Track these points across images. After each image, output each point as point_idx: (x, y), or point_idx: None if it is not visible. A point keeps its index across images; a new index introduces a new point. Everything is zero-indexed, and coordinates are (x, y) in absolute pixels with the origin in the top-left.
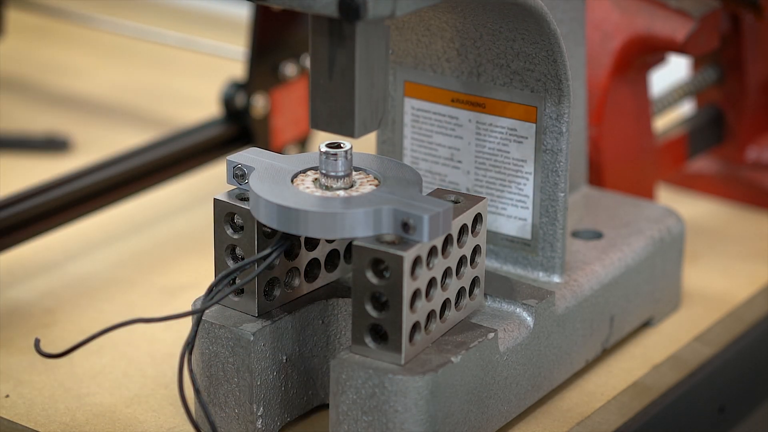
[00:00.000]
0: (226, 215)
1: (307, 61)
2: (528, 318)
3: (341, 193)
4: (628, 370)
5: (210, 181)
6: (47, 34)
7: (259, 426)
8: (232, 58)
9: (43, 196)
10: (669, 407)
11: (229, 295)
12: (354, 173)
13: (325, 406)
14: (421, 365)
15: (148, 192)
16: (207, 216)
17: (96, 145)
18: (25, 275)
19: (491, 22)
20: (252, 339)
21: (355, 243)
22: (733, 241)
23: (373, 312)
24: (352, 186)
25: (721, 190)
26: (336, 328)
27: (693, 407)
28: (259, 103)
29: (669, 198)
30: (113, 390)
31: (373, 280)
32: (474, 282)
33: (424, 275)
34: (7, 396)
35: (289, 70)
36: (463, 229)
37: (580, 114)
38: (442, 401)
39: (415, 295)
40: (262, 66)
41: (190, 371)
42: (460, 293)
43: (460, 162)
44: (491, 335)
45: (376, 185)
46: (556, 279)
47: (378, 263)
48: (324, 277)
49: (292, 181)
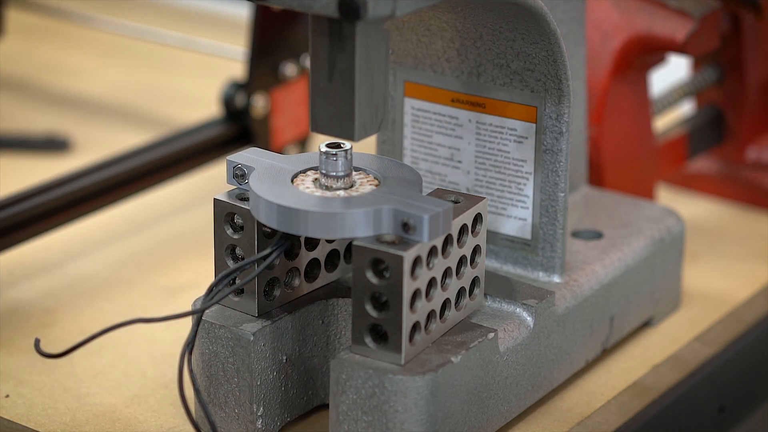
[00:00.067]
0: (226, 215)
1: (307, 61)
2: (528, 318)
3: (341, 193)
4: (628, 370)
5: (210, 181)
6: (47, 34)
7: (259, 426)
8: (232, 58)
9: (43, 196)
10: (669, 407)
11: (229, 295)
12: (354, 173)
13: (325, 406)
14: (421, 365)
15: (148, 192)
16: (207, 216)
17: (96, 145)
18: (25, 275)
19: (491, 22)
20: (252, 339)
21: (355, 243)
22: (733, 241)
23: (373, 312)
24: (352, 186)
25: (721, 190)
26: (336, 328)
27: (693, 407)
28: (259, 103)
29: (669, 198)
30: (113, 390)
31: (373, 280)
32: (474, 282)
33: (424, 275)
34: (7, 396)
35: (289, 70)
36: (463, 229)
37: (580, 114)
38: (442, 401)
39: (415, 295)
40: (262, 66)
41: (190, 371)
42: (460, 293)
43: (460, 162)
44: (491, 335)
45: (376, 185)
46: (556, 279)
47: (378, 263)
48: (324, 277)
49: (292, 181)
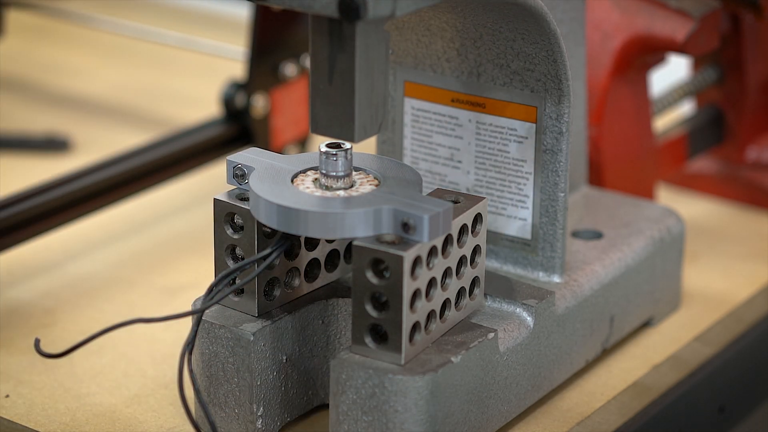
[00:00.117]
0: (226, 215)
1: (307, 61)
2: (528, 318)
3: (341, 193)
4: (628, 370)
5: (210, 181)
6: (47, 34)
7: (259, 426)
8: (232, 58)
9: (43, 196)
10: (669, 407)
11: (229, 295)
12: (354, 173)
13: (325, 406)
14: (421, 365)
15: (148, 192)
16: (207, 216)
17: (96, 145)
18: (25, 275)
19: (491, 22)
20: (252, 339)
21: (355, 243)
22: (733, 241)
23: (373, 312)
24: (352, 186)
25: (721, 190)
26: (336, 328)
27: (693, 407)
28: (259, 103)
29: (669, 198)
30: (113, 390)
31: (373, 280)
32: (474, 282)
33: (424, 275)
34: (7, 396)
35: (289, 70)
36: (463, 229)
37: (580, 114)
38: (442, 401)
39: (415, 295)
40: (262, 66)
41: (190, 371)
42: (460, 293)
43: (460, 162)
44: (491, 335)
45: (376, 185)
46: (556, 279)
47: (378, 263)
48: (324, 277)
49: (292, 181)
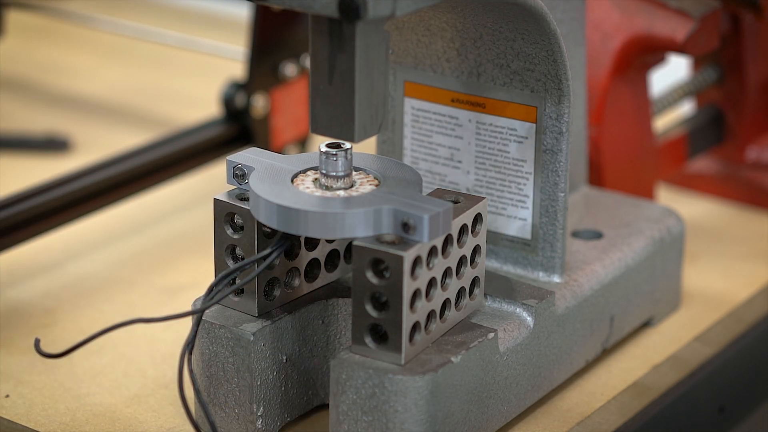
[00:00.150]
0: (226, 215)
1: (307, 61)
2: (528, 318)
3: (341, 193)
4: (628, 370)
5: (210, 181)
6: (47, 34)
7: (259, 426)
8: (232, 58)
9: (43, 196)
10: (669, 407)
11: (229, 295)
12: (354, 173)
13: (325, 406)
14: (421, 365)
15: (148, 192)
16: (207, 216)
17: (96, 145)
18: (25, 275)
19: (491, 22)
20: (252, 339)
21: (355, 243)
22: (733, 241)
23: (373, 312)
24: (352, 186)
25: (721, 190)
26: (336, 328)
27: (693, 407)
28: (259, 103)
29: (669, 198)
30: (113, 390)
31: (373, 280)
32: (474, 282)
33: (424, 275)
34: (7, 396)
35: (289, 70)
36: (463, 229)
37: (580, 114)
38: (442, 401)
39: (415, 295)
40: (262, 66)
41: (190, 371)
42: (460, 293)
43: (460, 162)
44: (491, 335)
45: (376, 185)
46: (556, 279)
47: (378, 263)
48: (324, 277)
49: (292, 181)
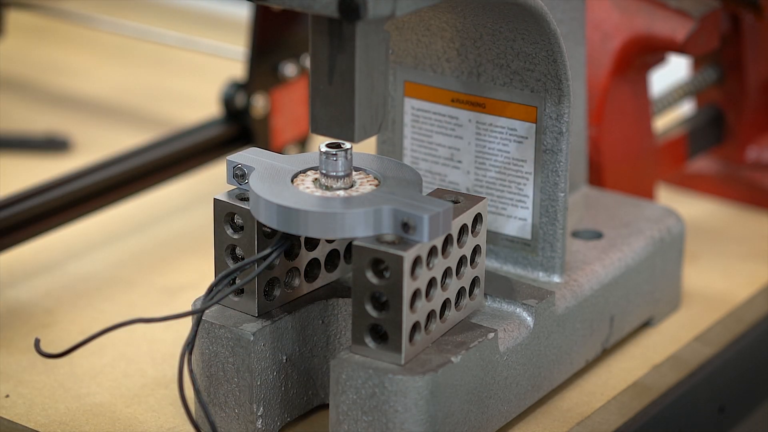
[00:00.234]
0: (226, 215)
1: (307, 61)
2: (528, 318)
3: (341, 193)
4: (628, 370)
5: (210, 181)
6: (47, 34)
7: (259, 426)
8: (232, 58)
9: (43, 196)
10: (669, 407)
11: (229, 295)
12: (354, 173)
13: (325, 406)
14: (421, 365)
15: (148, 192)
16: (207, 216)
17: (96, 145)
18: (25, 275)
19: (491, 22)
20: (252, 339)
21: (355, 243)
22: (733, 241)
23: (373, 312)
24: (352, 186)
25: (721, 190)
26: (336, 328)
27: (693, 407)
28: (259, 103)
29: (669, 198)
30: (113, 390)
31: (373, 280)
32: (474, 282)
33: (424, 275)
34: (7, 396)
35: (289, 70)
36: (463, 229)
37: (580, 114)
38: (442, 401)
39: (415, 295)
40: (262, 66)
41: (190, 371)
42: (460, 293)
43: (460, 162)
44: (491, 335)
45: (376, 185)
46: (556, 279)
47: (378, 263)
48: (324, 277)
49: (292, 181)
